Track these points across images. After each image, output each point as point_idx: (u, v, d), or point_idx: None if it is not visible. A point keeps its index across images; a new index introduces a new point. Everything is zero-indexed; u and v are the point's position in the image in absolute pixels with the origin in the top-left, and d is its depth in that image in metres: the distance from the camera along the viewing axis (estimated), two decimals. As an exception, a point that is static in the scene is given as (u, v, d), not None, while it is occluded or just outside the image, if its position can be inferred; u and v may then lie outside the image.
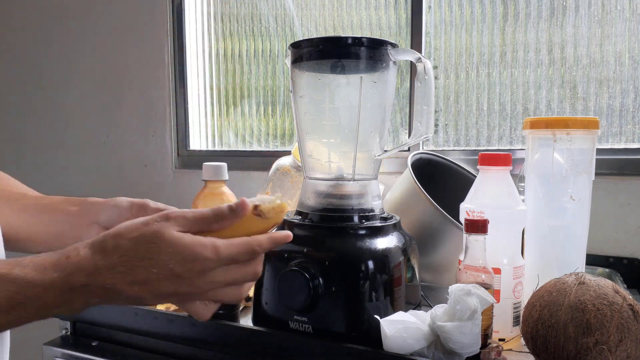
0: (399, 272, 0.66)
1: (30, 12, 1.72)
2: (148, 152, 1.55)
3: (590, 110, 1.11)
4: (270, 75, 1.46)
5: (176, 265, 0.40)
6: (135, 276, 0.40)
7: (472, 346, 0.56)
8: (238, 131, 1.52)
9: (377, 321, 0.58)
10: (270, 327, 0.66)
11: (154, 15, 1.51)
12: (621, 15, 1.08)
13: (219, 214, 0.43)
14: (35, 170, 1.75)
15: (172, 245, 0.40)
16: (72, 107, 1.67)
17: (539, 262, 0.71)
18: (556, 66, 1.14)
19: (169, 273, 0.40)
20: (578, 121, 0.67)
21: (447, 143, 1.25)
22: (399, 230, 0.70)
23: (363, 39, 0.67)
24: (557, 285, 0.56)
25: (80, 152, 1.67)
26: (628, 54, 1.08)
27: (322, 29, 1.38)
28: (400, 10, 1.28)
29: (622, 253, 1.01)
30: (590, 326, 0.50)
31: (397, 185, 0.89)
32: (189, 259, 0.40)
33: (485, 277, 0.62)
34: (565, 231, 0.69)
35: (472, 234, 0.63)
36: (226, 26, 1.50)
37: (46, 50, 1.70)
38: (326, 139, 0.72)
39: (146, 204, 0.57)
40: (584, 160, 0.68)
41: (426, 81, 0.66)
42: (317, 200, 0.69)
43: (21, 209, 0.60)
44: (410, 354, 0.57)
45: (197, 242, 0.41)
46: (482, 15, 1.20)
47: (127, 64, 1.56)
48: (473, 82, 1.21)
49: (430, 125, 0.67)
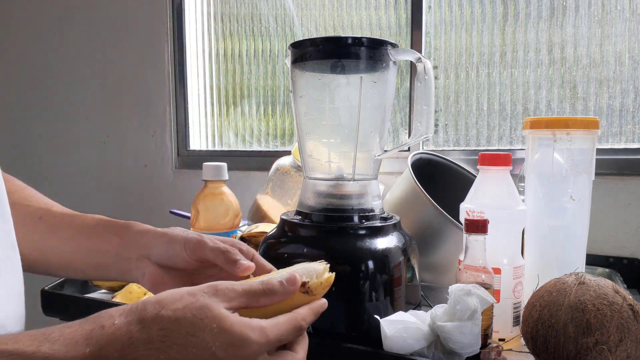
0: (399, 272, 0.66)
1: (30, 12, 1.72)
2: (148, 152, 1.56)
3: (590, 110, 1.12)
4: (270, 75, 1.46)
5: (219, 349, 0.36)
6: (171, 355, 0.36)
7: (472, 346, 0.56)
8: (238, 131, 1.52)
9: (377, 321, 0.58)
10: (270, 327, 0.66)
11: (154, 15, 1.51)
12: (621, 15, 1.08)
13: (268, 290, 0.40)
14: (35, 170, 1.75)
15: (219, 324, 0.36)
16: (72, 107, 1.67)
17: (539, 262, 0.71)
18: (556, 66, 1.14)
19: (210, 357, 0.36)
20: (578, 121, 0.67)
21: (447, 143, 1.25)
22: (399, 230, 0.70)
23: (363, 39, 0.67)
24: (557, 285, 0.56)
25: (80, 152, 1.67)
26: (628, 54, 1.08)
27: (322, 29, 1.38)
28: (400, 10, 1.28)
29: (622, 253, 1.01)
30: (590, 326, 0.50)
31: (397, 185, 0.89)
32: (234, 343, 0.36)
33: (485, 277, 0.62)
34: (565, 231, 0.69)
35: (472, 234, 0.63)
36: (226, 26, 1.51)
37: (46, 50, 1.70)
38: (326, 139, 0.72)
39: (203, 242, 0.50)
40: (584, 160, 0.68)
41: (426, 81, 0.66)
42: (317, 200, 0.69)
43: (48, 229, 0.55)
44: (410, 354, 0.57)
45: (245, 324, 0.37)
46: (482, 15, 1.20)
47: (127, 64, 1.57)
48: (473, 82, 1.21)
49: (430, 125, 0.67)
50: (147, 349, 0.36)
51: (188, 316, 0.37)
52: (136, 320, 0.37)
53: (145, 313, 0.37)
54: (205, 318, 0.36)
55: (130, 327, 0.36)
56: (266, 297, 0.40)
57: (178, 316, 0.37)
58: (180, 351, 0.36)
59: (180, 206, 1.22)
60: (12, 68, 1.77)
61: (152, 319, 0.36)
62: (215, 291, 0.38)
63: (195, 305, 0.37)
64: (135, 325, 0.36)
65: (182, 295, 0.38)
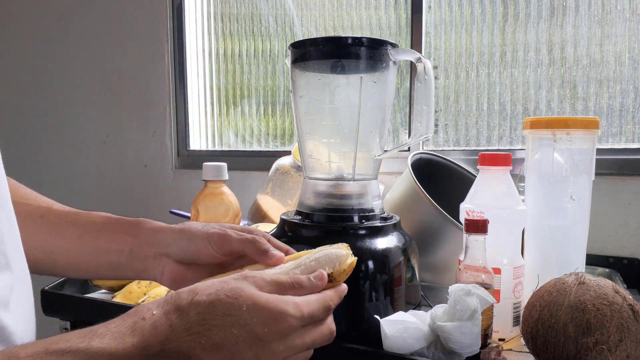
0: (399, 272, 0.66)
1: (30, 12, 1.72)
2: (148, 152, 1.56)
3: (590, 110, 1.12)
4: (270, 75, 1.46)
5: (258, 325, 0.37)
6: (211, 338, 0.36)
7: (472, 346, 0.56)
8: (238, 131, 1.52)
9: (377, 321, 0.58)
10: (270, 327, 0.66)
11: (154, 15, 1.51)
12: (621, 15, 1.08)
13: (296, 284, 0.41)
14: (35, 170, 1.75)
15: (253, 301, 0.37)
16: (72, 107, 1.67)
17: (539, 262, 0.70)
18: (556, 66, 1.14)
19: (250, 335, 0.36)
20: (578, 121, 0.67)
21: (447, 143, 1.25)
22: (399, 230, 0.70)
23: (363, 39, 0.67)
24: (557, 285, 0.56)
25: (80, 152, 1.67)
26: (628, 54, 1.08)
27: (322, 29, 1.38)
28: (400, 10, 1.28)
29: (622, 253, 1.01)
30: (590, 326, 0.50)
31: (397, 185, 0.89)
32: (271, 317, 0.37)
33: (485, 277, 0.62)
34: (565, 231, 0.69)
35: (472, 234, 0.63)
36: (226, 26, 1.51)
37: (46, 50, 1.70)
38: (326, 139, 0.72)
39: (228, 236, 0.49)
40: (584, 160, 0.68)
41: (426, 81, 0.66)
42: (317, 200, 0.69)
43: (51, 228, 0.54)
44: (410, 354, 0.57)
45: (279, 299, 0.38)
46: (482, 15, 1.20)
47: (127, 64, 1.57)
48: (473, 82, 1.21)
49: (430, 125, 0.67)
50: (188, 335, 0.36)
51: (222, 297, 0.37)
52: (173, 309, 0.37)
53: (180, 301, 0.38)
54: (239, 297, 0.37)
55: (169, 316, 0.37)
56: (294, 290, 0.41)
57: (212, 300, 0.37)
58: (219, 333, 0.36)
59: (180, 206, 1.22)
60: (12, 68, 1.77)
61: (188, 306, 0.37)
62: (245, 277, 0.40)
63: (227, 288, 0.38)
64: (173, 314, 0.37)
65: (212, 282, 0.39)
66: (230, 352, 0.36)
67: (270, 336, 0.37)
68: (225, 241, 0.49)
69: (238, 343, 0.36)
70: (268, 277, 0.40)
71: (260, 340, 0.37)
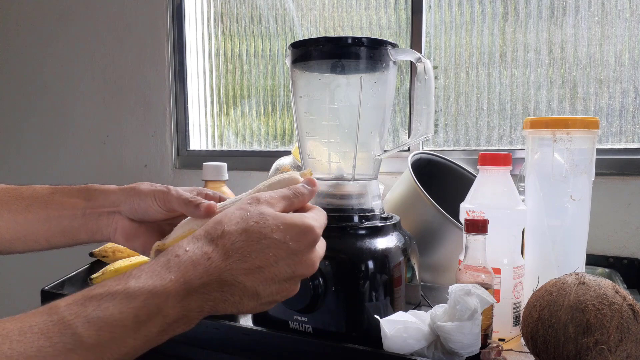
0: (399, 272, 0.66)
1: (30, 12, 1.72)
2: (148, 152, 1.56)
3: (590, 110, 1.11)
4: (270, 75, 1.46)
5: (292, 242, 0.39)
6: (252, 262, 0.38)
7: (472, 346, 0.56)
8: (238, 131, 1.52)
9: (377, 321, 0.58)
10: (270, 327, 0.66)
11: (154, 15, 1.51)
12: (621, 15, 1.08)
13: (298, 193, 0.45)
14: (35, 170, 1.75)
15: (282, 221, 0.40)
16: (72, 107, 1.67)
17: (539, 262, 0.70)
18: (556, 66, 1.14)
19: (286, 251, 0.39)
20: (578, 121, 0.67)
21: (447, 143, 1.25)
22: (399, 230, 0.70)
23: (363, 39, 0.67)
24: (557, 285, 0.56)
25: (80, 152, 1.67)
26: (628, 54, 1.08)
27: (322, 29, 1.38)
28: (400, 10, 1.28)
29: (622, 253, 1.01)
30: (590, 326, 0.50)
31: (397, 185, 0.89)
32: (301, 231, 0.40)
33: (485, 277, 0.62)
34: (565, 231, 0.69)
35: (472, 234, 0.63)
36: (226, 26, 1.51)
37: (46, 50, 1.70)
38: (326, 139, 0.72)
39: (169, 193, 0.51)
40: (584, 160, 0.68)
41: (426, 81, 0.66)
42: (317, 200, 0.69)
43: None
44: (410, 354, 0.57)
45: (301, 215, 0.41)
46: (482, 15, 1.20)
47: (127, 64, 1.56)
48: (473, 82, 1.21)
49: (430, 125, 0.67)
50: (228, 264, 0.37)
51: (252, 224, 0.39)
52: (207, 243, 0.38)
53: (212, 235, 0.39)
54: (267, 220, 0.39)
55: (204, 249, 0.37)
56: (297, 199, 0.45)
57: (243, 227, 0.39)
58: (259, 256, 0.38)
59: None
60: (12, 68, 1.77)
61: (221, 236, 0.38)
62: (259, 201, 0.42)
63: (252, 215, 0.40)
64: (208, 247, 0.38)
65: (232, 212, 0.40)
66: (270, 272, 0.38)
67: (304, 248, 0.40)
68: (166, 198, 0.51)
69: (278, 262, 0.39)
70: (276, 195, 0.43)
71: (295, 255, 0.40)
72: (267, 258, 0.38)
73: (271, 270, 0.38)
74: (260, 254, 0.38)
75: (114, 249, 0.95)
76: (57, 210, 0.53)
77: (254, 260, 0.38)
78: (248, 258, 0.38)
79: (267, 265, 0.38)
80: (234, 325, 0.68)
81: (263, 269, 0.38)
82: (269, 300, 0.39)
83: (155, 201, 0.51)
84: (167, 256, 0.37)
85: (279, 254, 0.39)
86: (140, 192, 0.52)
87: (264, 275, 0.38)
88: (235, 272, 0.37)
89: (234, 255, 0.37)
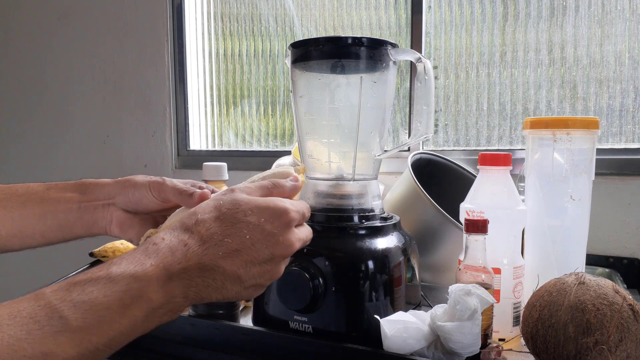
0: (399, 272, 0.66)
1: (30, 12, 1.72)
2: (148, 152, 1.56)
3: (590, 110, 1.11)
4: (270, 75, 1.46)
5: (266, 224, 0.39)
6: (228, 245, 0.38)
7: (472, 346, 0.56)
8: (238, 131, 1.52)
9: (377, 321, 0.58)
10: (270, 327, 0.66)
11: (154, 15, 1.51)
12: (621, 15, 1.08)
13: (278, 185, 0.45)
14: (35, 170, 1.75)
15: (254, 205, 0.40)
16: (72, 107, 1.67)
17: (539, 262, 0.70)
18: (556, 66, 1.14)
19: (262, 233, 0.39)
20: (578, 121, 0.67)
21: (447, 143, 1.25)
22: (399, 230, 0.70)
23: (363, 39, 0.67)
24: (557, 285, 0.56)
25: (80, 152, 1.67)
26: (628, 54, 1.08)
27: (322, 29, 1.38)
28: (400, 10, 1.28)
29: (622, 253, 1.01)
30: (590, 326, 0.50)
31: (397, 185, 0.89)
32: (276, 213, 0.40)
33: (485, 277, 0.62)
34: (565, 231, 0.69)
35: (472, 234, 0.63)
36: (226, 26, 1.51)
37: (46, 50, 1.70)
38: (326, 139, 0.72)
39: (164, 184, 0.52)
40: (584, 160, 0.68)
41: (426, 81, 0.66)
42: (317, 200, 0.69)
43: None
44: (410, 354, 0.57)
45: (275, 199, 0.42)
46: (482, 15, 1.20)
47: (127, 64, 1.56)
48: (473, 82, 1.21)
49: (430, 125, 0.67)
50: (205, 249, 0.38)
51: (224, 211, 0.40)
52: (183, 231, 0.39)
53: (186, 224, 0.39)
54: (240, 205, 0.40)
55: (180, 237, 0.38)
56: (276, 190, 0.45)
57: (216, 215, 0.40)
58: (235, 240, 0.38)
59: (180, 206, 1.22)
60: (12, 68, 1.77)
61: (196, 224, 0.39)
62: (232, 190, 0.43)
63: (225, 202, 0.41)
64: (184, 235, 0.39)
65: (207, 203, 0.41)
66: (249, 254, 0.39)
67: (280, 229, 0.40)
68: (161, 188, 0.52)
69: (254, 244, 0.39)
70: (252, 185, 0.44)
71: (272, 235, 0.40)
72: (244, 241, 0.39)
73: (249, 253, 0.39)
74: (236, 238, 0.38)
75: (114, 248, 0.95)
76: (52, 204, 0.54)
77: (231, 243, 0.38)
78: (224, 242, 0.38)
79: (245, 248, 0.39)
80: (234, 325, 0.68)
81: (241, 252, 0.38)
82: (252, 283, 0.40)
83: (150, 191, 0.52)
84: (145, 245, 0.38)
85: (255, 236, 0.39)
86: (136, 183, 0.53)
87: (243, 257, 0.38)
88: (214, 257, 0.38)
89: (210, 241, 0.38)
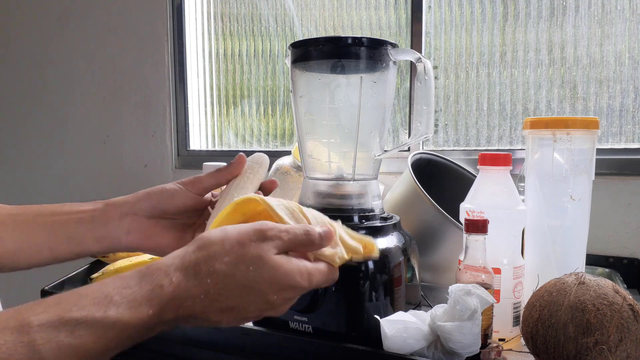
0: (399, 272, 0.66)
1: (30, 12, 1.72)
2: (148, 152, 1.56)
3: (590, 110, 1.11)
4: (270, 75, 1.46)
5: (271, 294, 0.39)
6: (227, 303, 0.38)
7: (472, 346, 0.56)
8: (238, 131, 1.52)
9: (377, 321, 0.58)
10: (270, 327, 0.66)
11: (154, 15, 1.51)
12: (621, 15, 1.08)
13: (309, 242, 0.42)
14: (35, 170, 1.75)
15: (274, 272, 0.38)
16: (72, 107, 1.67)
17: (539, 262, 0.70)
18: (556, 66, 1.14)
19: (263, 300, 0.39)
20: (578, 121, 0.67)
21: (447, 143, 1.25)
22: (399, 230, 0.70)
23: (363, 39, 0.67)
24: (557, 285, 0.56)
25: (80, 152, 1.67)
26: (628, 54, 1.08)
27: (322, 29, 1.38)
28: (400, 10, 1.28)
29: (622, 253, 1.01)
30: (590, 326, 0.50)
31: (397, 185, 0.89)
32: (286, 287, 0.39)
33: (485, 277, 0.62)
34: (565, 231, 0.69)
35: (472, 234, 0.63)
36: (226, 26, 1.51)
37: (46, 51, 1.70)
38: (326, 139, 0.72)
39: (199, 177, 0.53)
40: (584, 160, 0.68)
41: (426, 81, 0.66)
42: (317, 200, 0.69)
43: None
44: (410, 354, 0.57)
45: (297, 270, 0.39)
46: (482, 15, 1.20)
47: (127, 64, 1.56)
48: (473, 82, 1.21)
49: (430, 125, 0.67)
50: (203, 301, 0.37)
51: (242, 269, 0.38)
52: (192, 276, 0.37)
53: (199, 268, 0.38)
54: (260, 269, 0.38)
55: (188, 284, 0.37)
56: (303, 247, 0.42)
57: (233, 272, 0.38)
58: (236, 299, 0.38)
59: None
60: (12, 68, 1.77)
61: (207, 274, 0.37)
62: (264, 238, 0.39)
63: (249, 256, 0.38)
64: (192, 281, 0.37)
65: (232, 245, 0.39)
66: (240, 313, 0.38)
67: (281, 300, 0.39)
68: (196, 180, 0.53)
69: (249, 305, 0.38)
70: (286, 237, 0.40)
71: (271, 304, 0.39)
72: (243, 301, 0.38)
73: (241, 312, 0.39)
74: (238, 297, 0.38)
75: (114, 249, 0.94)
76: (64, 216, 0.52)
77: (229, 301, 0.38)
78: (225, 299, 0.38)
79: (240, 308, 0.38)
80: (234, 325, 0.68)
81: (234, 309, 0.38)
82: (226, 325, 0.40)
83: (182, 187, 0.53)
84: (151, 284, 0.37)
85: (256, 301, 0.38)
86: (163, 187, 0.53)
87: (233, 314, 0.38)
88: (208, 310, 0.38)
89: (213, 295, 0.37)
